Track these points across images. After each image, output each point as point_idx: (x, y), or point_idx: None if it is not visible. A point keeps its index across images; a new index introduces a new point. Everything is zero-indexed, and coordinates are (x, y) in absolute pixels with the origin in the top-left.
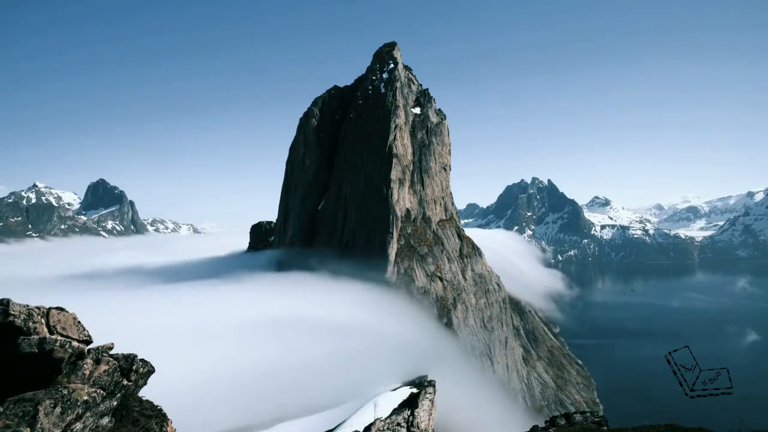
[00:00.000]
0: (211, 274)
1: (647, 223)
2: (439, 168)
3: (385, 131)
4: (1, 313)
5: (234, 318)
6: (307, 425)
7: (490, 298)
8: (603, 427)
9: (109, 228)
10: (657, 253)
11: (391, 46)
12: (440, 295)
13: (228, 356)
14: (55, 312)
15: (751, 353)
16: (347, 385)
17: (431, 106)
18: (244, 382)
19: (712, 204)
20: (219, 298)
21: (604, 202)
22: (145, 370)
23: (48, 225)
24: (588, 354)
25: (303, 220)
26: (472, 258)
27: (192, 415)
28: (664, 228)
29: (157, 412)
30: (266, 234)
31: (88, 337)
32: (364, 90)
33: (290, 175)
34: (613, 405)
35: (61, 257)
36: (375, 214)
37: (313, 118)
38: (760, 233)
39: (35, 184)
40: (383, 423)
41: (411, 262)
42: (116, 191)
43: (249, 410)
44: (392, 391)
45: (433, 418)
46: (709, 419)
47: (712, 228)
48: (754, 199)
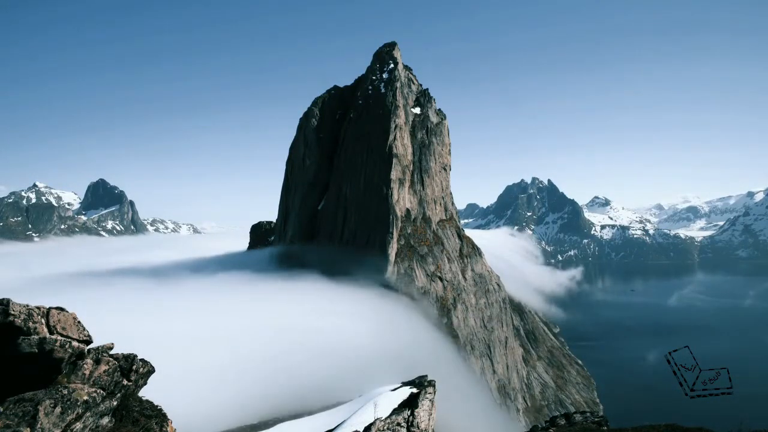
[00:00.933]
0: (211, 274)
1: (647, 223)
2: (439, 168)
3: (385, 131)
4: (1, 313)
5: (233, 318)
6: (307, 425)
7: (490, 298)
8: (603, 427)
9: (109, 228)
10: (657, 253)
11: (391, 46)
12: (440, 295)
13: (228, 356)
14: (55, 312)
15: (751, 353)
16: (347, 385)
17: (431, 106)
18: (244, 382)
19: (712, 204)
20: (219, 299)
21: (604, 202)
22: (145, 370)
23: (48, 225)
24: (588, 354)
25: (303, 219)
26: (472, 258)
27: (192, 415)
28: (664, 228)
29: (157, 412)
30: (266, 234)
31: (88, 337)
32: (364, 90)
33: (290, 175)
34: (613, 405)
35: (64, 257)
36: (375, 214)
37: (313, 118)
38: (760, 233)
39: (35, 184)
40: (383, 423)
41: (411, 262)
42: (116, 191)
43: (249, 410)
44: (392, 391)
45: (433, 418)
46: (709, 419)
47: (712, 228)
48: (754, 199)
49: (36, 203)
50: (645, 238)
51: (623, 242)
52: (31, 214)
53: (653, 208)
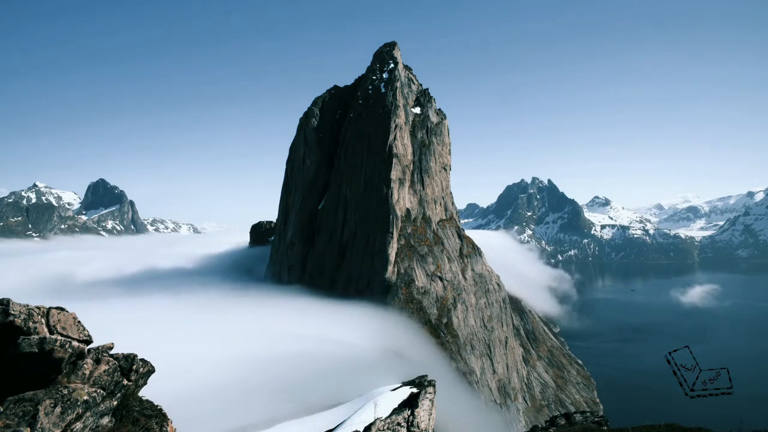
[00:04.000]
0: (211, 274)
1: (647, 223)
2: (439, 168)
3: (385, 131)
4: (1, 312)
5: (234, 318)
6: (307, 425)
7: (490, 298)
8: (603, 427)
9: (109, 228)
10: (657, 253)
11: (391, 46)
12: (440, 295)
13: (228, 356)
14: (55, 312)
15: (751, 353)
16: (347, 385)
17: (431, 105)
18: (244, 382)
19: (712, 204)
20: (219, 299)
21: (604, 202)
22: (145, 370)
23: (48, 225)
24: (588, 354)
25: (303, 219)
26: (472, 258)
27: (192, 415)
28: (664, 228)
29: (157, 412)
30: (266, 233)
31: (88, 337)
32: (364, 90)
33: (290, 174)
34: (613, 405)
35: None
36: (375, 213)
37: (313, 118)
38: (760, 233)
39: (35, 184)
40: (383, 423)
41: (411, 262)
42: (116, 191)
43: (249, 410)
44: (392, 391)
45: (432, 418)
46: (709, 419)
47: (712, 228)
48: (754, 199)
49: (36, 203)
50: (645, 238)
51: (623, 242)
52: (31, 214)
53: (653, 208)
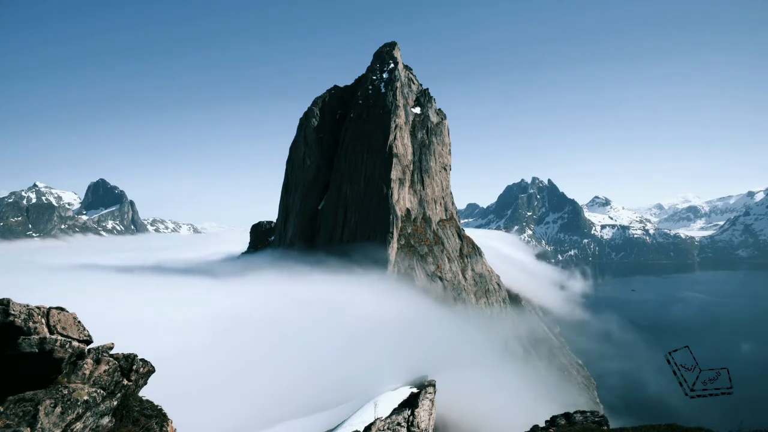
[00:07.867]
0: (211, 274)
1: (647, 223)
2: (439, 168)
3: (385, 131)
4: (1, 312)
5: (234, 318)
6: (307, 425)
7: (490, 298)
8: (603, 427)
9: (109, 228)
10: (657, 253)
11: (391, 46)
12: (440, 295)
13: (228, 357)
14: (55, 312)
15: (751, 353)
16: (347, 385)
17: (431, 105)
18: (245, 382)
19: (712, 204)
20: (219, 300)
21: (604, 202)
22: (145, 370)
23: (48, 225)
24: (588, 354)
25: (303, 219)
26: (473, 258)
27: (192, 415)
28: (664, 228)
29: (157, 412)
30: (266, 233)
31: (88, 337)
32: (365, 90)
33: (290, 174)
34: (613, 405)
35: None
36: (375, 213)
37: (314, 118)
38: (761, 233)
39: (35, 184)
40: (383, 423)
41: (411, 262)
42: (116, 191)
43: (249, 410)
44: (392, 391)
45: (433, 418)
46: (709, 419)
47: (712, 228)
48: (754, 199)
49: (36, 203)
50: (645, 237)
51: (623, 242)
52: (31, 214)
53: (653, 208)
